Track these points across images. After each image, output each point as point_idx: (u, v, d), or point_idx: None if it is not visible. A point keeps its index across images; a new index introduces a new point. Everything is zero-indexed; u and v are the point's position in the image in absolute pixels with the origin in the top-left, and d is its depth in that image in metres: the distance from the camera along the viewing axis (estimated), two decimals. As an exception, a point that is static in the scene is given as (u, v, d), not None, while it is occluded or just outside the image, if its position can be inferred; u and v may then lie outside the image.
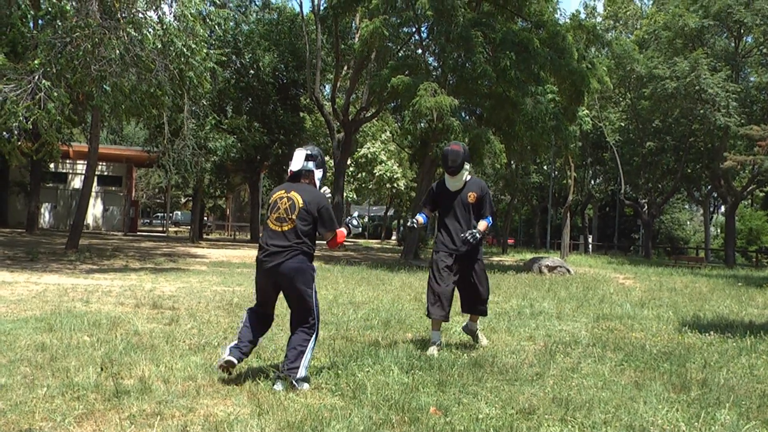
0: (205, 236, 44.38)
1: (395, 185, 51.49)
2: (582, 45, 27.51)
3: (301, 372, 5.50)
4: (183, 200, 73.78)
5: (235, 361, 5.63)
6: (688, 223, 78.97)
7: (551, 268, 21.67)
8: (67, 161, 42.01)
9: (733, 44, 40.96)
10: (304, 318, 5.69)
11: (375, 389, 5.41)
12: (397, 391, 5.37)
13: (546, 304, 12.45)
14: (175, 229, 58.68)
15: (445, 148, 7.66)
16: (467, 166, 7.49)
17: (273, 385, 5.49)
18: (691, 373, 6.55)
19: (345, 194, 44.29)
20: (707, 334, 9.12)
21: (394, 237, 66.29)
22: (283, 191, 5.80)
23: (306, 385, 5.52)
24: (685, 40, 40.61)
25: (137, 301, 10.67)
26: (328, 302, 11.34)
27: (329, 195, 6.20)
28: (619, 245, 59.06)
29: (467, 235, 7.27)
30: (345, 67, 34.95)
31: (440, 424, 4.61)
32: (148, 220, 77.37)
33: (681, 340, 8.71)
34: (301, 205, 5.66)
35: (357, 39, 28.37)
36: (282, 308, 6.48)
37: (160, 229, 56.47)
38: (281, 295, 5.86)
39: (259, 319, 5.92)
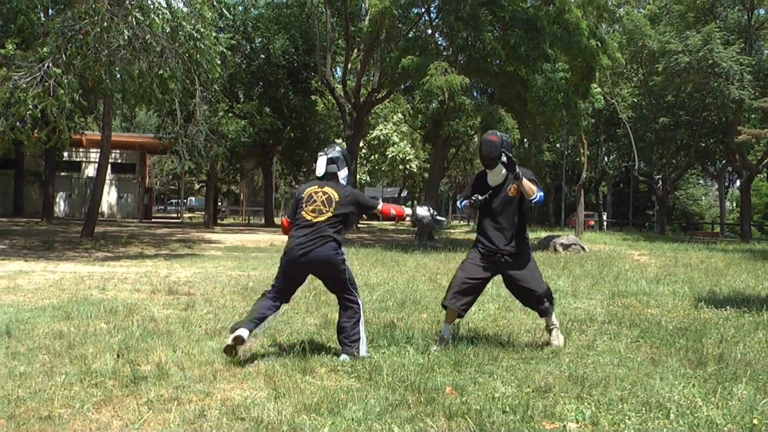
0: (219, 221, 44.52)
1: (408, 166, 51.42)
2: (592, 21, 27.28)
3: (362, 349, 6.02)
4: (197, 186, 73.89)
5: (245, 336, 5.75)
6: (703, 198, 78.58)
7: (566, 246, 21.62)
8: (81, 150, 42.22)
9: (745, 17, 40.59)
10: (345, 296, 6.17)
11: (391, 370, 5.43)
12: (413, 372, 5.38)
13: (561, 282, 12.43)
14: (190, 215, 58.86)
15: (482, 138, 6.84)
16: (505, 158, 6.50)
17: (339, 357, 5.95)
18: (707, 348, 6.54)
19: (358, 176, 44.25)
20: (723, 309, 9.10)
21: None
22: (317, 187, 6.23)
23: (365, 349, 6.07)
24: (697, 13, 40.29)
25: (153, 287, 10.71)
26: (342, 285, 11.35)
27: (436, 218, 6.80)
28: (634, 222, 58.88)
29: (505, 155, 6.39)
30: (356, 50, 34.87)
31: (456, 404, 4.62)
32: (163, 207, 77.59)
33: (697, 315, 8.69)
34: (337, 199, 6.09)
35: (366, 20, 28.29)
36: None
37: (175, 215, 56.75)
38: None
39: (270, 305, 6.12)
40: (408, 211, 6.59)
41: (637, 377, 5.43)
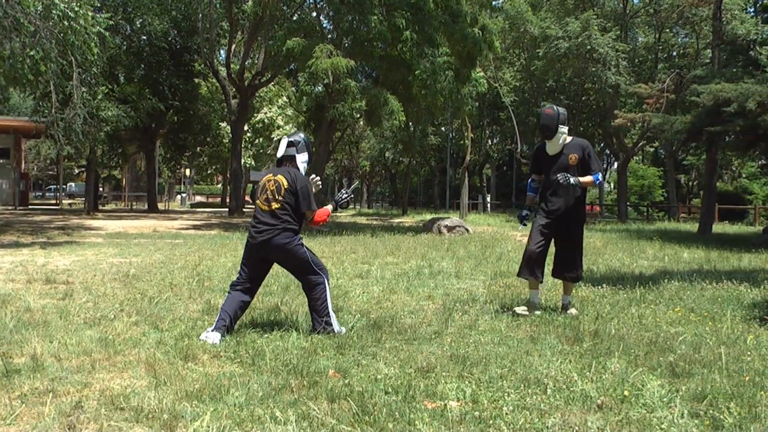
0: (100, 207, 43.32)
1: (294, 150, 51.09)
2: (476, 7, 27.65)
3: (333, 324, 6.31)
4: (76, 171, 71.70)
5: (218, 342, 5.94)
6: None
7: (450, 228, 21.94)
8: (-51, 133, 40.27)
9: (621, 5, 41.93)
10: (308, 277, 6.42)
11: (274, 355, 5.41)
12: (296, 356, 5.38)
13: (445, 263, 12.63)
14: (70, 201, 56.96)
15: (540, 112, 7.67)
16: (563, 128, 7.43)
17: (309, 334, 6.20)
18: (584, 325, 6.77)
19: (243, 161, 43.77)
20: (600, 287, 9.42)
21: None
22: (271, 175, 6.52)
23: (339, 328, 6.37)
24: (576, 0, 41.41)
25: (29, 276, 10.31)
26: (227, 270, 11.23)
27: (317, 181, 6.86)
28: (517, 204, 60.21)
29: (559, 176, 7.23)
30: (240, 32, 34.41)
31: (339, 386, 4.64)
32: (41, 193, 74.99)
33: (575, 293, 8.92)
34: (285, 187, 6.34)
35: (250, 1, 27.95)
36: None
37: (54, 201, 54.86)
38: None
39: (240, 297, 6.43)
40: (330, 208, 6.81)
41: (517, 355, 5.57)
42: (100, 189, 56.61)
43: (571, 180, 7.19)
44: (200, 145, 46.85)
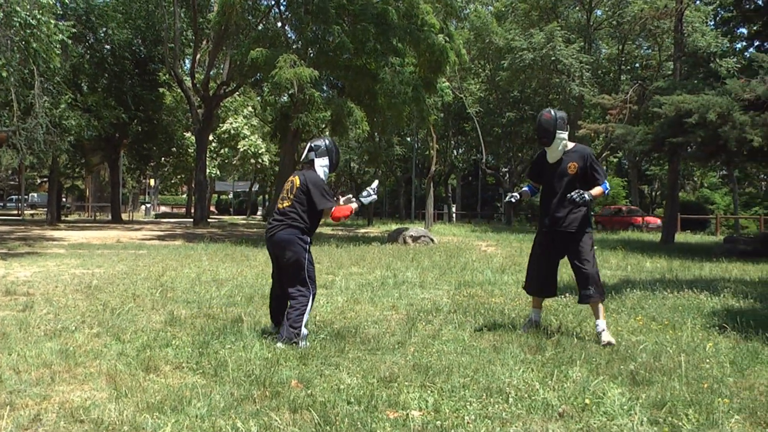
0: (63, 218, 42.87)
1: (260, 160, 50.98)
2: (441, 17, 27.81)
3: (300, 338, 6.26)
4: (39, 181, 70.81)
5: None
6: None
7: (415, 238, 21.94)
8: None
9: (585, 17, 42.39)
10: (295, 285, 6.45)
11: (237, 366, 5.39)
12: (259, 367, 5.36)
13: (409, 273, 12.64)
14: (32, 211, 56.32)
15: (537, 116, 7.19)
16: (562, 134, 6.92)
17: (275, 343, 6.16)
18: (546, 334, 6.80)
19: (208, 171, 43.57)
20: (563, 297, 9.43)
21: (259, 212, 66.00)
22: (292, 176, 6.79)
23: (304, 343, 6.28)
24: (540, 12, 41.87)
25: (-12, 288, 10.19)
26: (190, 281, 11.16)
27: (376, 189, 7.05)
28: (482, 213, 60.51)
29: (573, 194, 6.63)
30: (205, 42, 34.31)
31: (301, 396, 4.64)
32: (2, 204, 73.92)
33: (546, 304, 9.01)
34: (298, 186, 6.58)
35: (215, 11, 27.89)
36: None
37: (16, 212, 54.21)
38: None
39: (274, 292, 6.94)
40: (355, 206, 6.81)
41: (480, 364, 5.59)
42: (63, 199, 55.98)
43: (586, 196, 6.67)
44: (165, 155, 46.51)
